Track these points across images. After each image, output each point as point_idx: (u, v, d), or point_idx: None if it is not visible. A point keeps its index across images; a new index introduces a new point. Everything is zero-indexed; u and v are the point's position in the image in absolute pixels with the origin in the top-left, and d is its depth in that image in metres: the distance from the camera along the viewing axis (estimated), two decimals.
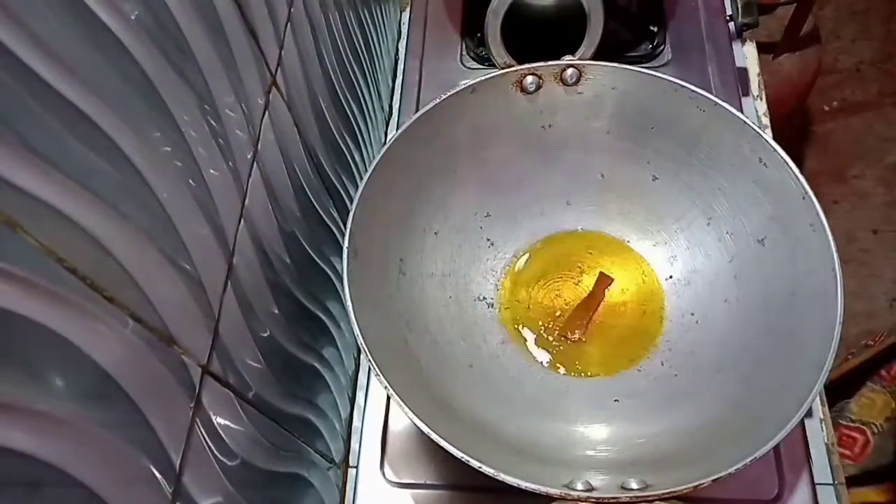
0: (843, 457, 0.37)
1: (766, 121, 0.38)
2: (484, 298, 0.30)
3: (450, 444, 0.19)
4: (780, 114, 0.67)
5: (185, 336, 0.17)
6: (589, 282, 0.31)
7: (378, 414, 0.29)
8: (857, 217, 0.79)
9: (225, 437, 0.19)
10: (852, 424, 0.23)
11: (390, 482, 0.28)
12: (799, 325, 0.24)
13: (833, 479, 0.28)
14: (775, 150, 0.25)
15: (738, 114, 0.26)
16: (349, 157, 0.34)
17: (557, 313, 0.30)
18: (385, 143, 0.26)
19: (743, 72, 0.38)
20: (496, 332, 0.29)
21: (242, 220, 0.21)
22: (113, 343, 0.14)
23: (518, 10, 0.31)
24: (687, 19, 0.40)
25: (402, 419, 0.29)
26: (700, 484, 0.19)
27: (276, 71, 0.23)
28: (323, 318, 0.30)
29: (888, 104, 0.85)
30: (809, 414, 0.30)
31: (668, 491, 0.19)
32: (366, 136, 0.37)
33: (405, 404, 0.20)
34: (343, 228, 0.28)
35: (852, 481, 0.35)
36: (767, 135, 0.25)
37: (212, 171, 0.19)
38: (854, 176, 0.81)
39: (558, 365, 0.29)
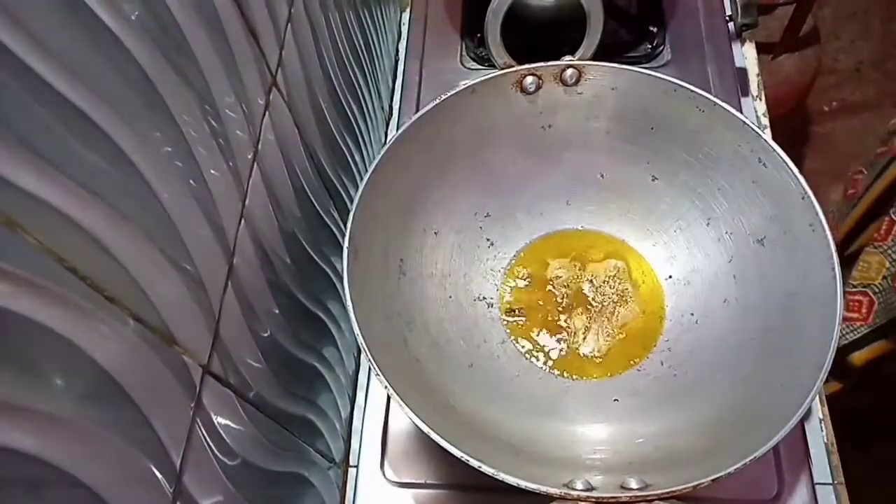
0: (853, 320, 0.37)
1: (765, 121, 0.38)
2: (484, 298, 0.30)
3: (450, 443, 0.20)
4: (780, 114, 0.67)
5: (186, 336, 0.17)
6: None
7: (378, 413, 0.29)
8: None
9: (225, 437, 0.19)
10: (854, 290, 0.24)
11: (390, 482, 0.28)
12: (798, 325, 0.24)
13: (832, 479, 0.28)
14: (775, 150, 0.25)
15: (738, 114, 0.26)
16: (349, 158, 0.34)
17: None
18: (385, 143, 0.26)
19: (742, 72, 0.38)
20: (496, 332, 0.30)
21: (243, 221, 0.21)
22: (113, 343, 0.14)
23: (518, 10, 0.31)
24: (686, 20, 0.40)
25: (402, 419, 0.29)
26: (699, 484, 0.19)
27: (277, 71, 0.23)
28: (323, 317, 0.30)
29: (888, 104, 0.85)
30: (809, 414, 0.30)
31: (667, 490, 0.19)
32: (366, 137, 0.37)
33: (405, 404, 0.20)
34: (343, 228, 0.28)
35: (867, 340, 0.36)
36: (767, 135, 0.25)
37: (212, 171, 0.19)
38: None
39: (558, 365, 0.29)
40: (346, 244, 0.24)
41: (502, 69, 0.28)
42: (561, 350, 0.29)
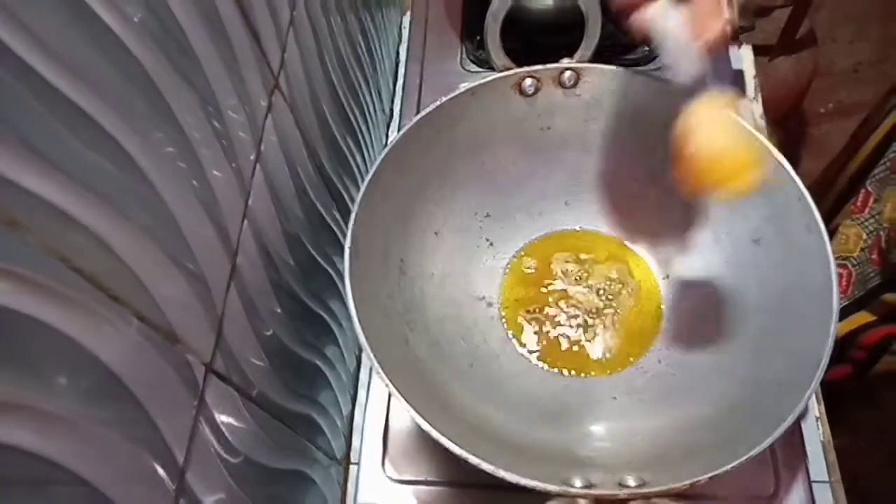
0: None
1: (762, 123, 0.38)
2: (484, 298, 0.30)
3: (450, 441, 0.20)
4: (777, 116, 0.68)
5: (189, 335, 0.17)
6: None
7: (379, 411, 0.29)
8: None
9: (228, 435, 0.19)
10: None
11: (391, 479, 0.28)
12: (794, 324, 0.24)
13: (829, 477, 0.28)
14: (771, 151, 0.25)
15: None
16: (351, 159, 0.34)
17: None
18: (386, 144, 0.27)
19: (739, 74, 0.39)
20: (496, 332, 0.30)
21: (245, 221, 0.21)
22: (117, 342, 0.14)
23: (517, 13, 0.32)
24: None
25: (403, 417, 0.29)
26: (697, 481, 0.19)
27: (279, 73, 0.24)
28: (325, 316, 0.30)
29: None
30: (805, 412, 0.30)
31: (665, 488, 0.19)
32: (367, 138, 0.37)
33: (406, 401, 0.20)
34: (345, 229, 0.28)
35: (847, 312, 0.36)
36: (763, 137, 0.26)
37: (215, 171, 0.19)
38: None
39: (557, 362, 0.29)
40: (347, 244, 0.24)
41: (502, 72, 0.28)
42: (561, 347, 0.29)
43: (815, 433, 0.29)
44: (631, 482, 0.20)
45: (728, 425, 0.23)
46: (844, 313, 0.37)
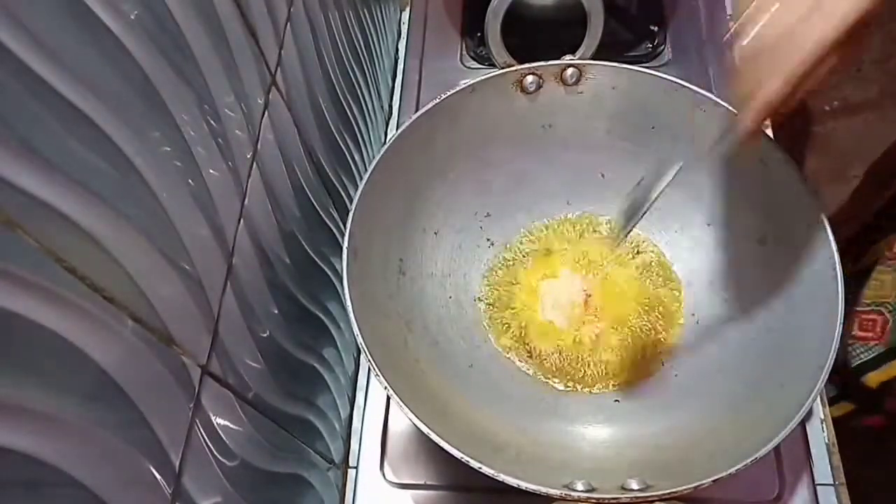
0: (868, 339, 0.37)
1: (766, 121, 0.38)
2: (484, 298, 0.30)
3: (449, 444, 0.19)
4: (781, 114, 0.67)
5: (185, 336, 0.17)
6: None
7: (378, 414, 0.29)
8: None
9: (224, 438, 0.19)
10: (868, 308, 0.23)
11: (390, 482, 0.28)
12: (799, 325, 0.24)
13: (834, 480, 0.28)
14: (775, 149, 0.25)
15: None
16: (349, 157, 0.34)
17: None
18: (385, 142, 0.26)
19: None
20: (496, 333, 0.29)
21: (242, 220, 0.21)
22: (112, 343, 0.14)
23: (518, 9, 0.31)
24: (687, 19, 0.40)
25: (401, 420, 0.29)
26: (700, 484, 0.19)
27: (276, 71, 0.23)
28: (323, 318, 0.30)
29: (888, 104, 0.85)
30: (810, 414, 0.30)
31: (668, 492, 0.19)
32: (366, 136, 0.37)
33: (405, 404, 0.20)
34: (343, 228, 0.27)
35: (882, 359, 0.36)
36: (768, 135, 0.25)
37: (211, 170, 0.19)
38: (854, 176, 0.81)
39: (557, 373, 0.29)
40: (345, 244, 0.24)
41: (502, 68, 0.28)
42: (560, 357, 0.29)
43: (820, 436, 0.29)
44: (634, 486, 0.20)
45: (732, 428, 0.23)
46: (879, 361, 0.36)
